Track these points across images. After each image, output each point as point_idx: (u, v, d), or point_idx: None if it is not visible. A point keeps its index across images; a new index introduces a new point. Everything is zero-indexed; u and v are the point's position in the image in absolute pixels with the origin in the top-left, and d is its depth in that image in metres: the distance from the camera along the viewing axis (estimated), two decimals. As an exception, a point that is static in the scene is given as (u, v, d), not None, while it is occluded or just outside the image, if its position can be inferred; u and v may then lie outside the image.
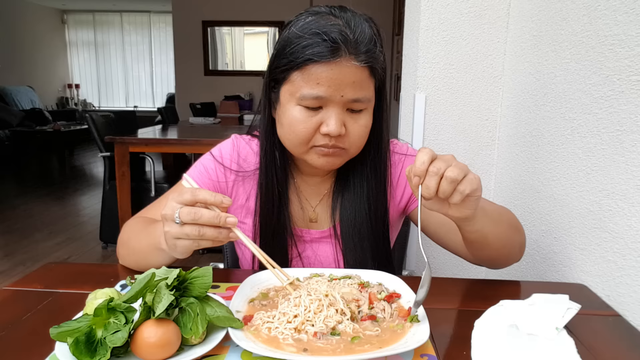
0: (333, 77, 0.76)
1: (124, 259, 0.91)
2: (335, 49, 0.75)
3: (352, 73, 0.77)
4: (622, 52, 0.85)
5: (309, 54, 0.76)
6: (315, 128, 0.80)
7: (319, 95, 0.77)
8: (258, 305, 0.72)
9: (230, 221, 0.66)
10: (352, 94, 0.78)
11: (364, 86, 0.80)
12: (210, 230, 0.66)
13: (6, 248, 3.41)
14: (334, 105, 0.79)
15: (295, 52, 0.77)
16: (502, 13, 1.36)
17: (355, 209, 0.92)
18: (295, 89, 0.79)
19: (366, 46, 0.78)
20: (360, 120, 0.82)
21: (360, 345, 0.62)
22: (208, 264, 0.83)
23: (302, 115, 0.80)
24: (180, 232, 0.67)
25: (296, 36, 0.78)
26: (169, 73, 9.51)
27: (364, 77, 0.79)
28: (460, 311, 0.77)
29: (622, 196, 0.85)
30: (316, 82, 0.77)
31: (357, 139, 0.83)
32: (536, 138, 1.19)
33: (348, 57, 0.76)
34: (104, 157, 3.23)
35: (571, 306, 0.68)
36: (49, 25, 9.25)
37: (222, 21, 6.54)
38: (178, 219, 0.66)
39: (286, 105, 0.82)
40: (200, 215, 0.65)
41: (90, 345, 0.56)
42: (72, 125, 7.37)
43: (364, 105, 0.81)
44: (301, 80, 0.78)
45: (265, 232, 0.92)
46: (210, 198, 0.67)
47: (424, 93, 1.42)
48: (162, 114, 5.61)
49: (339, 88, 0.77)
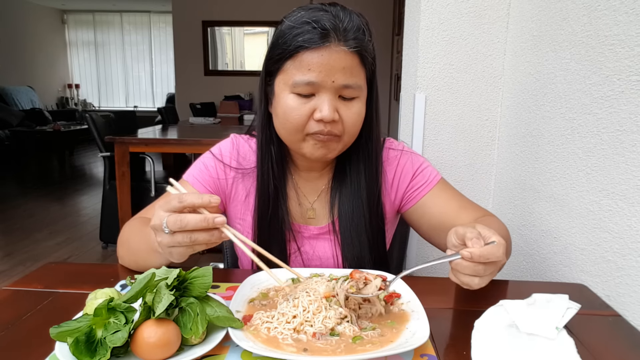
0: (323, 62, 0.79)
1: (123, 259, 0.91)
2: (324, 34, 0.78)
3: (341, 59, 0.79)
4: (622, 52, 0.85)
5: (300, 41, 0.79)
6: (309, 115, 0.82)
7: (310, 81, 0.79)
8: (258, 305, 0.72)
9: (218, 221, 0.65)
10: (343, 80, 0.80)
11: (354, 73, 0.82)
12: (201, 234, 0.65)
13: (6, 248, 3.41)
14: (326, 92, 0.81)
15: (287, 41, 0.80)
16: (502, 13, 1.36)
17: (352, 204, 0.93)
18: (288, 77, 0.82)
19: (355, 33, 0.81)
20: (353, 107, 0.84)
21: (361, 345, 0.62)
22: (208, 264, 0.83)
23: (295, 102, 0.82)
24: (172, 240, 0.66)
25: (288, 27, 0.81)
26: (169, 73, 9.51)
27: (354, 63, 0.81)
28: (460, 311, 0.77)
29: (622, 196, 0.85)
30: (307, 68, 0.79)
31: (351, 125, 0.85)
32: (536, 138, 1.19)
33: (337, 43, 0.79)
34: (104, 157, 3.23)
35: (571, 306, 0.67)
36: (49, 25, 9.25)
37: (222, 21, 6.55)
38: (167, 228, 0.65)
39: (280, 95, 0.84)
40: (187, 222, 0.64)
41: (90, 345, 0.56)
42: (72, 125, 7.36)
43: (356, 92, 0.83)
44: (293, 68, 0.81)
45: (263, 226, 0.93)
46: (197, 201, 0.66)
47: (424, 93, 1.42)
48: (162, 114, 5.62)
49: (329, 73, 0.79)
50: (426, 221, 0.97)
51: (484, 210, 0.96)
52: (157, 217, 0.67)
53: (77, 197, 4.99)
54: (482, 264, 0.65)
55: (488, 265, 0.66)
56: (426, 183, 0.97)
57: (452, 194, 0.97)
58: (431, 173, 0.98)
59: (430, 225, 0.96)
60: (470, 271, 0.66)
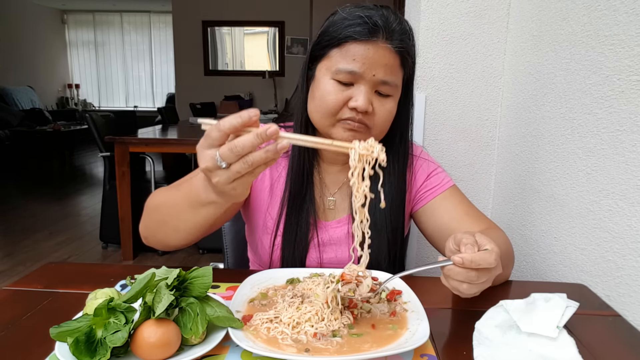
0: (369, 55, 0.82)
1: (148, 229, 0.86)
2: (374, 30, 0.82)
3: (385, 56, 0.83)
4: (622, 52, 0.85)
5: (350, 32, 0.83)
6: (345, 101, 0.85)
7: (353, 70, 0.83)
8: (258, 305, 0.72)
9: (271, 132, 0.59)
10: (383, 75, 0.84)
11: (394, 71, 0.85)
12: (258, 154, 0.59)
13: (6, 248, 3.41)
14: (365, 83, 0.84)
15: (338, 30, 0.84)
16: (502, 13, 1.36)
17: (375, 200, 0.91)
18: (332, 63, 0.85)
19: (401, 35, 0.85)
20: (387, 104, 0.87)
21: (361, 345, 0.62)
22: (208, 264, 0.83)
23: (334, 88, 0.85)
24: (232, 174, 0.60)
25: (341, 18, 0.85)
26: (169, 73, 9.51)
27: (395, 63, 0.85)
28: (460, 311, 0.77)
29: (622, 196, 0.85)
30: (352, 58, 0.83)
31: (382, 121, 0.87)
32: (536, 138, 1.19)
33: (384, 40, 0.83)
34: (104, 157, 3.23)
35: (570, 304, 0.68)
36: (49, 25, 9.25)
37: (222, 21, 6.55)
38: (223, 162, 0.59)
39: (321, 79, 0.87)
40: (243, 146, 0.58)
41: (90, 345, 0.56)
42: (72, 125, 7.36)
43: (392, 90, 0.86)
44: (339, 56, 0.84)
45: (294, 203, 0.94)
46: (237, 122, 0.59)
47: (424, 93, 1.42)
48: (162, 114, 5.61)
49: (372, 67, 0.83)
50: (432, 224, 0.98)
51: (491, 223, 0.96)
52: (205, 157, 0.61)
53: (77, 197, 4.99)
54: (474, 271, 0.64)
55: (481, 272, 0.64)
56: (437, 186, 0.99)
57: (461, 200, 0.98)
58: (444, 178, 1.00)
59: (435, 228, 0.97)
60: (462, 277, 0.64)
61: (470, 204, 0.98)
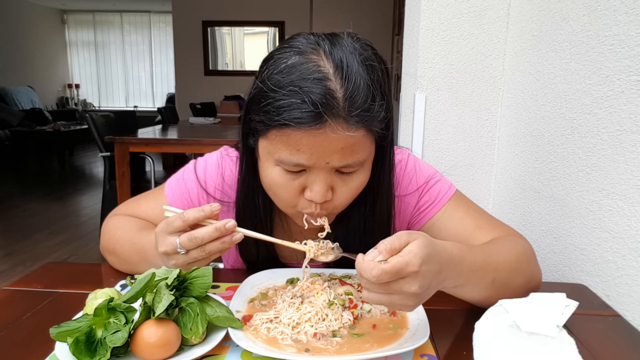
0: (316, 144, 0.63)
1: (114, 264, 0.89)
2: (317, 115, 0.60)
3: (339, 139, 0.63)
4: (622, 52, 0.85)
5: (287, 118, 0.62)
6: (299, 192, 0.70)
7: (299, 163, 0.65)
8: (258, 305, 0.72)
9: (229, 226, 0.65)
10: (340, 161, 0.65)
11: (356, 149, 0.66)
12: (214, 245, 0.65)
13: (6, 248, 3.41)
14: (319, 171, 0.67)
15: (271, 111, 0.63)
16: (502, 13, 1.36)
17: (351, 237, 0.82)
18: (273, 149, 0.66)
19: (360, 106, 0.62)
20: (352, 182, 0.70)
21: (361, 345, 0.62)
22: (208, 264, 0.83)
23: (282, 178, 0.68)
24: (188, 259, 0.66)
25: (271, 90, 0.63)
26: (169, 73, 9.51)
27: (356, 140, 0.64)
28: (460, 311, 0.77)
29: (622, 196, 0.85)
30: (296, 148, 0.64)
31: (349, 198, 0.72)
32: (536, 138, 1.19)
33: (335, 123, 0.62)
34: (104, 157, 3.23)
35: (569, 303, 0.68)
36: (49, 25, 9.25)
37: (222, 21, 6.55)
38: (182, 249, 0.65)
39: (265, 163, 0.70)
40: (202, 237, 0.64)
41: (90, 345, 0.56)
42: (72, 125, 7.37)
43: (357, 166, 0.68)
44: (279, 142, 0.65)
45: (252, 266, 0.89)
46: (201, 216, 0.65)
47: (424, 93, 1.42)
48: (162, 114, 5.61)
49: (323, 156, 0.64)
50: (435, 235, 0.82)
51: (506, 229, 0.83)
52: (165, 242, 0.66)
53: (77, 197, 4.99)
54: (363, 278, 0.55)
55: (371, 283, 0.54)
56: (434, 203, 0.85)
57: (466, 212, 0.84)
58: (440, 191, 0.85)
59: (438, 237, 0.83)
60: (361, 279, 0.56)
61: (476, 211, 0.86)
